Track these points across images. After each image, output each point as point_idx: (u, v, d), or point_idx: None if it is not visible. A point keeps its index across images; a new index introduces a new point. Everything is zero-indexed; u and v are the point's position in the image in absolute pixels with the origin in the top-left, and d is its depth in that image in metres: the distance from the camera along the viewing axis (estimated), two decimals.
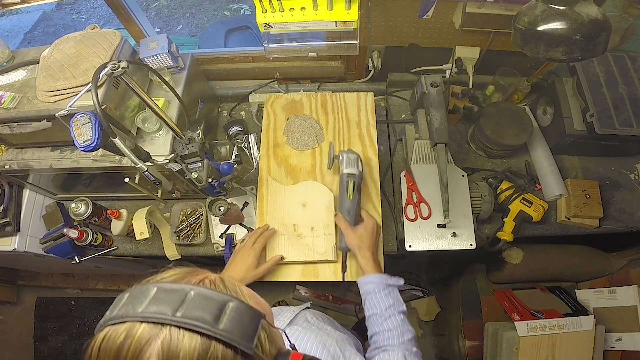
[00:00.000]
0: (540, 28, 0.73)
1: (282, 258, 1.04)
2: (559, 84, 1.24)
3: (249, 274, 0.95)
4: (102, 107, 0.82)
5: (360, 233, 0.94)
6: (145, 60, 1.07)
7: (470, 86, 1.29)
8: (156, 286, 0.38)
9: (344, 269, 1.01)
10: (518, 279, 1.42)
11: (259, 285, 1.07)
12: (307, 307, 0.86)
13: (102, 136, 0.72)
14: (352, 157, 1.02)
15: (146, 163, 0.82)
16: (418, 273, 2.05)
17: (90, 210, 1.16)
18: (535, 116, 1.34)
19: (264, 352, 0.38)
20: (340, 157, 1.03)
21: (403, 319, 0.79)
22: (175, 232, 1.21)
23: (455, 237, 1.07)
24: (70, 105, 0.76)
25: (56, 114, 0.77)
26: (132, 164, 0.79)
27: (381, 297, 0.81)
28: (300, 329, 0.71)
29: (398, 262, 1.92)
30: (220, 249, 1.18)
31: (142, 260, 1.66)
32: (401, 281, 0.86)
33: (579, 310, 1.29)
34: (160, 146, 1.04)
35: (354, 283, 1.03)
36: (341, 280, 1.03)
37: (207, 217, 1.22)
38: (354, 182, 0.99)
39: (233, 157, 1.20)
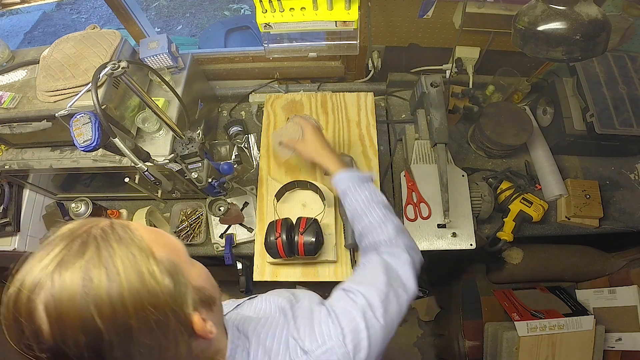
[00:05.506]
0: (540, 28, 0.73)
1: None
2: (559, 84, 1.24)
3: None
4: (102, 107, 0.82)
5: (307, 140, 0.92)
6: (145, 60, 1.07)
7: (470, 86, 1.29)
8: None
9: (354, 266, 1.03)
10: (518, 279, 1.42)
11: (260, 285, 1.07)
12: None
13: (102, 136, 0.72)
14: (346, 159, 1.09)
15: (146, 163, 0.82)
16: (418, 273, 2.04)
17: (90, 210, 1.16)
18: (535, 116, 1.34)
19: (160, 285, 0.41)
20: None
21: (383, 208, 0.77)
22: (175, 232, 1.21)
23: (455, 237, 1.07)
24: (70, 105, 0.76)
25: (56, 114, 0.77)
26: (132, 164, 0.79)
27: (358, 193, 0.78)
28: (260, 297, 0.72)
29: None
30: (220, 249, 1.18)
31: None
32: (374, 174, 0.87)
33: (579, 310, 1.29)
34: (160, 146, 1.04)
35: None
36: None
37: (207, 217, 1.22)
38: None
39: (233, 157, 1.20)
